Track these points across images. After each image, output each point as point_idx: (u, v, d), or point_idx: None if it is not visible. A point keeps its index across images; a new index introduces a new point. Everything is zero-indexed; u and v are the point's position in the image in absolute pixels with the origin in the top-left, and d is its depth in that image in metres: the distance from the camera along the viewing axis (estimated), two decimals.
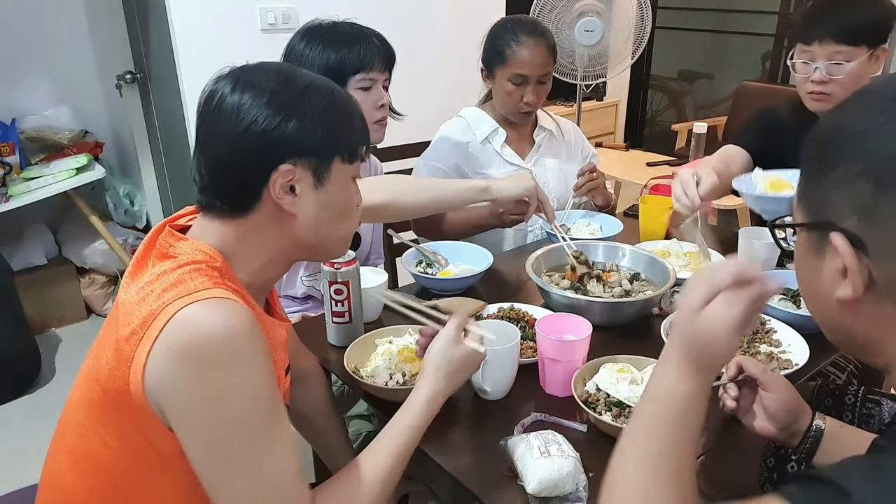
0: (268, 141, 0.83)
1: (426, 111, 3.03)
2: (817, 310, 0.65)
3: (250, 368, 0.78)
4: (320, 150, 0.86)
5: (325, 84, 0.89)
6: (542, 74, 1.84)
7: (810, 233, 0.61)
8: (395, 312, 1.16)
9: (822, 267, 0.59)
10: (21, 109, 3.00)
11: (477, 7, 3.24)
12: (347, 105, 0.91)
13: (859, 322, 0.59)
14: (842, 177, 0.56)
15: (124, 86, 3.10)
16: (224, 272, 0.84)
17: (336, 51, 1.47)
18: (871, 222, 0.54)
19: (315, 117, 0.85)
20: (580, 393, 1.08)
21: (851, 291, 0.56)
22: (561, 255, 1.58)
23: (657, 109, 5.29)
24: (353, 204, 0.95)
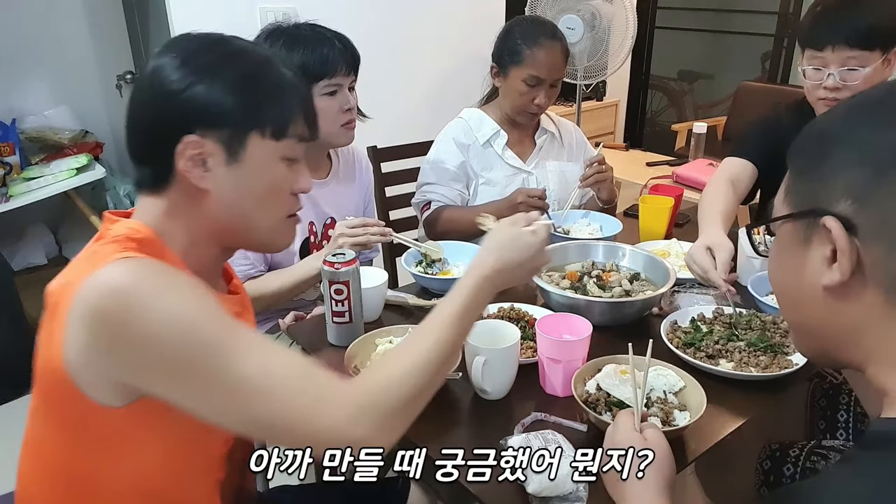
0: (173, 106, 0.78)
1: (424, 111, 3.04)
2: (795, 305, 0.67)
3: (174, 293, 0.72)
4: (231, 120, 0.79)
5: (260, 55, 0.83)
6: (557, 77, 1.84)
7: (797, 224, 0.63)
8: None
9: (807, 257, 0.62)
10: (21, 109, 3.00)
11: (476, 7, 3.24)
12: (279, 77, 0.83)
13: (840, 312, 0.61)
14: (837, 165, 0.59)
15: (124, 85, 3.11)
16: (146, 243, 0.79)
17: (299, 55, 1.46)
18: (865, 206, 0.57)
19: (230, 84, 0.79)
20: (580, 393, 1.08)
21: (839, 275, 0.58)
22: (561, 255, 1.58)
23: (657, 109, 5.29)
24: (281, 187, 0.87)
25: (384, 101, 2.73)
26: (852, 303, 0.59)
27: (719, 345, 1.24)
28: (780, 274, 0.68)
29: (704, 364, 1.19)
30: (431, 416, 1.09)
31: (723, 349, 1.23)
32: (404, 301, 1.45)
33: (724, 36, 5.19)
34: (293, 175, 0.88)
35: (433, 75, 3.12)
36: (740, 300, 1.38)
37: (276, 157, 0.84)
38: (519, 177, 1.98)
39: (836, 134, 0.60)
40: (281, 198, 0.88)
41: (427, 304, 1.43)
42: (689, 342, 1.26)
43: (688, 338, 1.27)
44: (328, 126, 1.51)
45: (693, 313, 1.34)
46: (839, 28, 1.45)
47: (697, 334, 1.27)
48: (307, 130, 0.87)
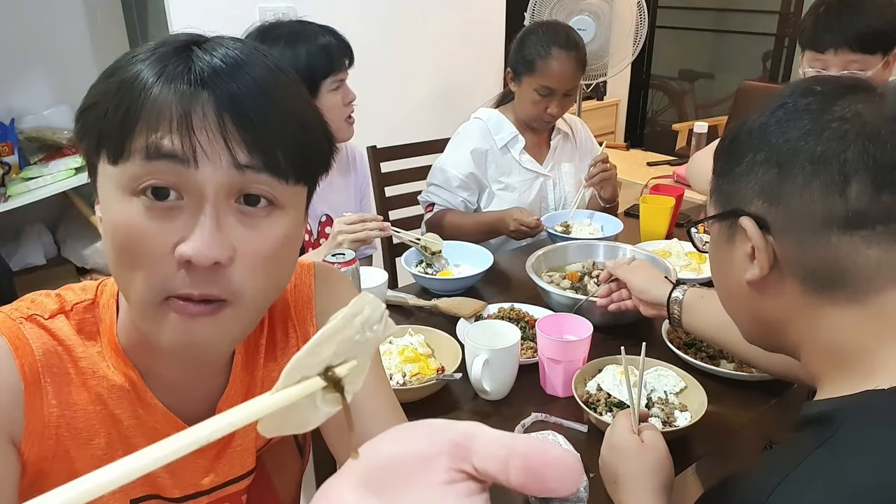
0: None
1: (425, 111, 3.04)
2: (730, 299, 0.72)
3: None
4: (88, 139, 0.58)
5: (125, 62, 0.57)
6: (569, 88, 1.82)
7: (722, 223, 0.68)
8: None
9: (733, 254, 0.66)
10: (20, 109, 2.99)
11: (477, 7, 3.23)
12: (129, 73, 0.55)
13: (767, 304, 0.66)
14: (748, 167, 0.64)
15: None
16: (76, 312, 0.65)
17: (305, 51, 1.44)
18: (774, 204, 0.62)
19: (93, 94, 0.58)
20: (581, 393, 1.08)
21: (759, 271, 0.63)
22: (562, 255, 1.58)
23: (658, 109, 5.28)
24: (135, 240, 0.54)
25: (384, 101, 2.73)
26: (775, 295, 0.64)
27: None
28: (715, 270, 0.73)
29: (705, 365, 1.18)
30: (431, 417, 1.09)
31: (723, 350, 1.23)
32: (404, 301, 1.45)
33: (724, 35, 5.18)
34: (157, 224, 0.54)
35: (433, 75, 3.11)
36: None
37: (119, 187, 0.54)
38: (537, 181, 1.96)
39: (746, 136, 0.65)
40: (143, 250, 0.54)
41: (427, 305, 1.42)
42: (690, 343, 1.25)
43: (688, 338, 1.26)
44: (335, 122, 1.51)
45: None
46: (842, 31, 1.44)
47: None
48: (172, 142, 0.52)
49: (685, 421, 1.03)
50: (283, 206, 0.58)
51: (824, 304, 0.61)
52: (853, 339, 0.60)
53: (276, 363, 0.75)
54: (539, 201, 1.97)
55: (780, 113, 0.63)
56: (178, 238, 0.53)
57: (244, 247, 0.55)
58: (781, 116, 0.62)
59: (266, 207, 0.57)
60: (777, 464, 0.58)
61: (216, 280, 0.54)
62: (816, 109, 0.61)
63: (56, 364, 0.62)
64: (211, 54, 0.55)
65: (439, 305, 1.40)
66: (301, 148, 0.58)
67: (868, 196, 0.58)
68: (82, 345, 0.64)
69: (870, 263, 0.58)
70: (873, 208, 0.58)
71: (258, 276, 0.57)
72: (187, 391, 0.69)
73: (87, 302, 0.66)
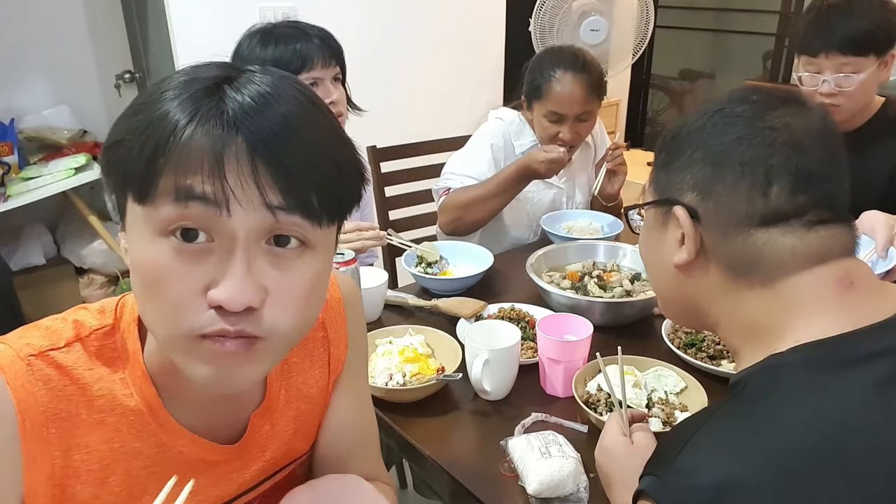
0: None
1: (425, 111, 3.03)
2: (658, 278, 0.79)
3: None
4: (115, 180, 0.56)
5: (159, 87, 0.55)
6: (581, 112, 1.74)
7: (657, 210, 0.75)
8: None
9: (664, 238, 0.73)
10: (19, 109, 2.99)
11: (477, 7, 3.23)
12: (159, 110, 0.53)
13: (691, 285, 0.73)
14: (685, 163, 0.71)
15: (123, 85, 3.10)
16: (95, 339, 0.64)
17: (274, 50, 1.44)
18: (705, 198, 0.69)
19: (118, 131, 0.56)
20: (581, 393, 1.08)
21: (686, 255, 0.70)
22: (562, 255, 1.57)
23: (658, 109, 5.28)
24: (164, 282, 0.54)
25: (383, 101, 2.72)
26: (699, 278, 0.72)
27: (720, 345, 1.23)
28: (646, 250, 0.80)
29: (706, 364, 1.18)
30: (432, 417, 1.09)
31: (724, 349, 1.22)
32: (404, 301, 1.44)
33: (725, 35, 5.17)
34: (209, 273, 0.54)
35: (433, 75, 3.11)
36: None
37: (149, 227, 0.54)
38: (549, 192, 1.94)
39: (686, 136, 0.72)
40: (173, 291, 0.54)
41: (427, 304, 1.42)
42: (691, 343, 1.25)
43: (689, 338, 1.26)
44: None
45: None
46: (832, 35, 1.45)
47: (698, 335, 1.27)
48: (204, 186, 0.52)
49: None
50: (315, 246, 0.58)
51: (741, 287, 0.69)
52: (764, 316, 0.68)
53: (311, 366, 0.79)
54: (551, 212, 1.94)
55: (718, 118, 0.70)
56: (208, 280, 0.53)
57: (276, 288, 0.55)
58: (718, 121, 0.70)
59: (297, 248, 0.57)
60: (692, 424, 0.66)
61: (249, 319, 0.55)
62: (750, 117, 0.68)
63: (66, 409, 0.61)
64: (242, 93, 0.54)
65: (439, 305, 1.40)
66: (334, 189, 0.57)
67: (786, 197, 0.66)
68: (101, 376, 0.63)
69: (784, 250, 0.66)
70: (789, 207, 0.66)
71: (290, 315, 0.57)
72: (218, 411, 0.70)
73: (108, 327, 0.65)
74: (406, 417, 1.09)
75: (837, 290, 0.66)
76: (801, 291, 0.66)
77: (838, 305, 0.65)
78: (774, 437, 0.58)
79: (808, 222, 0.66)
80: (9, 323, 2.56)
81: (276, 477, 0.79)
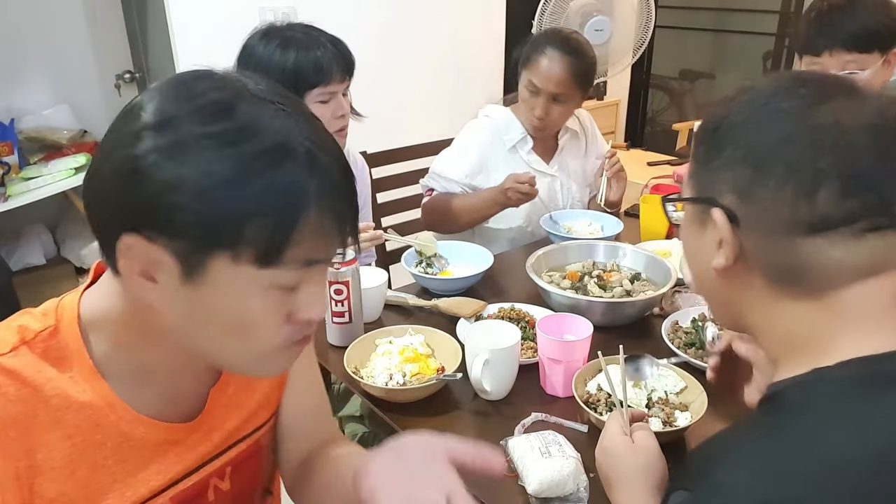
0: (120, 191, 0.56)
1: (420, 115, 3.03)
2: (698, 277, 0.74)
3: None
4: (189, 232, 0.56)
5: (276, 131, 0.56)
6: (555, 92, 1.76)
7: (696, 207, 0.70)
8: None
9: (704, 237, 0.69)
10: (19, 109, 2.99)
11: (476, 8, 3.23)
12: (290, 176, 0.56)
13: (730, 290, 0.69)
14: (725, 161, 0.65)
15: (123, 85, 3.10)
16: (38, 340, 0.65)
17: (293, 58, 1.41)
18: (746, 201, 0.63)
19: (208, 177, 0.54)
20: (581, 393, 1.08)
21: (724, 260, 0.66)
22: (562, 255, 1.57)
23: (658, 109, 5.28)
24: (264, 320, 0.61)
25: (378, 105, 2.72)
26: (737, 283, 0.67)
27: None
28: (686, 247, 0.76)
29: (705, 365, 1.18)
30: (431, 417, 1.09)
31: None
32: (404, 301, 1.45)
33: (725, 35, 5.18)
34: (294, 300, 0.62)
35: (430, 78, 3.11)
36: None
37: (260, 286, 0.59)
38: (543, 180, 1.93)
39: (728, 129, 0.66)
40: (266, 329, 0.62)
41: (427, 304, 1.42)
42: (691, 342, 1.25)
43: (689, 338, 1.26)
44: None
45: (694, 313, 1.34)
46: (835, 32, 1.44)
47: (699, 334, 1.27)
48: (326, 251, 0.61)
49: (685, 421, 1.03)
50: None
51: (784, 296, 0.64)
52: (809, 328, 0.63)
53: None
54: (548, 201, 1.95)
55: (762, 113, 0.64)
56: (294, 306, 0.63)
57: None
58: (763, 117, 0.64)
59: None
60: (727, 440, 0.64)
61: None
62: (797, 114, 0.62)
63: (22, 412, 0.63)
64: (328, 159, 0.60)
65: (439, 305, 1.40)
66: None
67: (834, 202, 0.60)
68: (51, 376, 0.64)
69: (831, 262, 0.61)
70: (838, 213, 0.60)
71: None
72: (174, 394, 0.73)
73: (50, 329, 0.66)
74: (406, 417, 1.09)
75: (894, 306, 0.61)
76: (852, 306, 0.61)
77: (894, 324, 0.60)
78: (817, 459, 0.55)
79: (860, 230, 0.60)
80: None
81: (240, 446, 0.82)
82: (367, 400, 1.17)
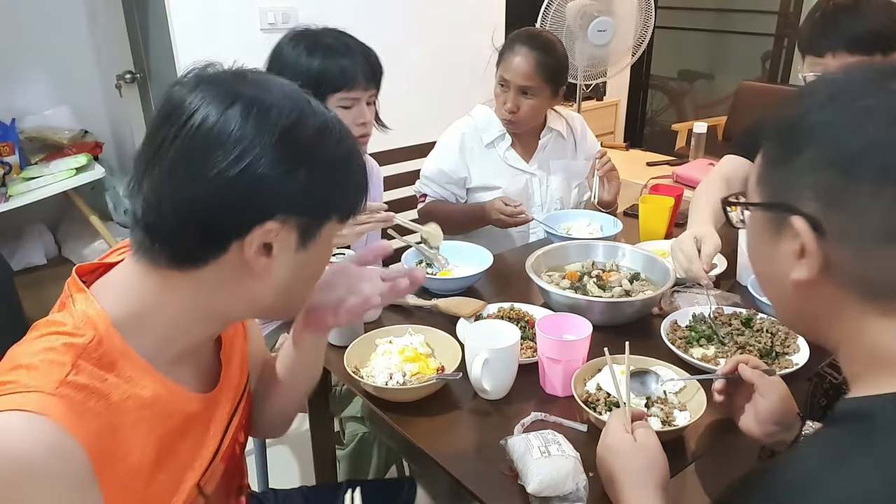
0: (261, 191, 0.67)
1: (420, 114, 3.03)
2: (770, 287, 0.69)
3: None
4: (318, 208, 0.72)
5: (337, 125, 0.74)
6: (523, 85, 1.85)
7: (767, 214, 0.64)
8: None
9: (777, 248, 0.63)
10: (20, 109, 2.99)
11: (476, 9, 3.23)
12: (353, 151, 0.76)
13: (810, 302, 0.63)
14: (807, 164, 0.59)
15: (124, 85, 3.10)
16: (91, 351, 0.68)
17: (318, 62, 1.42)
18: (834, 210, 0.57)
19: (323, 169, 0.70)
20: (580, 393, 1.08)
21: (807, 273, 0.60)
22: (561, 255, 1.58)
23: (657, 109, 5.29)
24: (325, 267, 0.83)
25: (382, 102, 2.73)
26: (821, 296, 0.61)
27: (719, 345, 1.24)
28: (755, 255, 0.70)
29: (705, 364, 1.18)
30: (431, 416, 1.10)
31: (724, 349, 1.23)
32: (404, 301, 1.45)
33: (724, 35, 5.18)
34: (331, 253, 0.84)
35: (430, 77, 3.11)
36: (740, 300, 1.38)
37: (333, 235, 0.78)
38: (521, 177, 1.99)
39: (809, 129, 0.59)
40: (319, 277, 0.83)
41: (427, 304, 1.43)
42: (690, 342, 1.26)
43: (689, 338, 1.27)
44: None
45: (693, 313, 1.34)
46: (839, 34, 1.43)
47: (697, 334, 1.27)
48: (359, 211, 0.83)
49: (684, 420, 1.03)
50: None
51: (873, 312, 0.59)
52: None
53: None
54: (525, 199, 1.98)
55: (848, 113, 0.58)
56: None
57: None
58: (849, 117, 0.57)
59: None
60: (813, 457, 0.58)
61: None
62: (891, 110, 0.56)
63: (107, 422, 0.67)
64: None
65: (439, 305, 1.41)
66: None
67: None
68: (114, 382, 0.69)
69: None
70: None
71: None
72: (203, 367, 0.85)
73: (95, 339, 0.69)
74: (406, 417, 1.10)
75: None
76: None
77: None
78: None
79: None
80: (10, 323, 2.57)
81: (244, 397, 0.93)
82: (367, 399, 1.17)
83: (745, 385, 1.01)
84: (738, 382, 1.02)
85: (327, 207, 0.73)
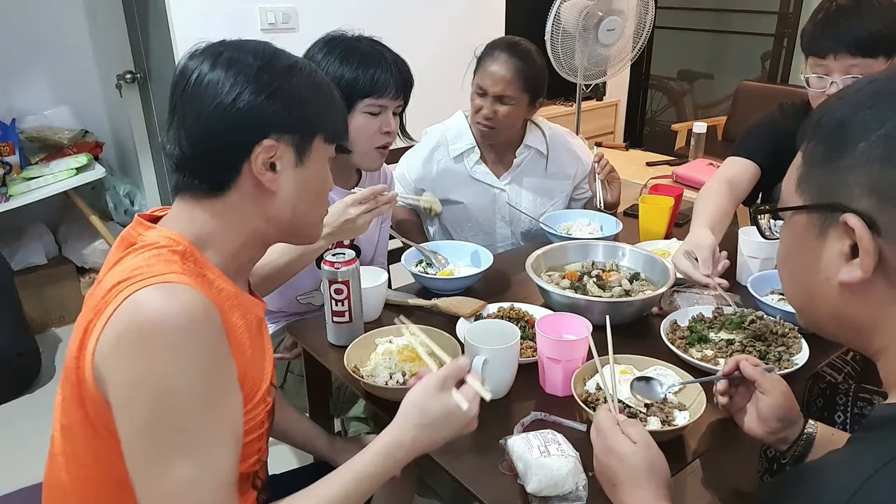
0: (253, 115, 0.83)
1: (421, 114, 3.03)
2: (809, 296, 0.66)
3: (190, 361, 0.75)
4: (303, 127, 0.88)
5: (307, 64, 0.91)
6: (499, 93, 1.80)
7: (812, 216, 0.61)
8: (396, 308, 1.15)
9: (822, 250, 0.61)
10: (21, 109, 3.00)
11: (475, 9, 3.24)
12: (329, 86, 0.93)
13: (855, 306, 0.60)
14: (857, 161, 0.57)
15: (124, 85, 3.10)
16: (188, 255, 0.83)
17: (352, 70, 1.42)
18: (890, 205, 0.55)
19: (300, 95, 0.87)
20: (580, 392, 1.08)
21: (861, 273, 0.57)
22: (561, 255, 1.58)
23: (657, 109, 5.29)
24: (327, 186, 0.97)
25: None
26: (868, 299, 0.59)
27: (719, 345, 1.24)
28: (791, 263, 0.67)
29: (705, 364, 1.18)
30: None
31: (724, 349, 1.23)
32: (404, 301, 1.45)
33: (723, 36, 5.19)
34: (330, 175, 0.97)
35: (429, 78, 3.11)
36: (740, 300, 1.38)
37: (327, 158, 0.94)
38: (490, 192, 1.95)
39: (858, 125, 0.57)
40: (326, 195, 0.97)
41: (427, 304, 1.43)
42: (690, 342, 1.26)
43: (689, 338, 1.27)
44: (363, 145, 1.47)
45: (693, 313, 1.34)
46: (841, 36, 1.43)
47: (697, 334, 1.27)
48: (345, 137, 0.98)
49: (684, 420, 1.04)
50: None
51: None
52: None
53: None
54: (493, 213, 1.97)
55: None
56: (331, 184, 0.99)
57: None
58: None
59: None
60: (858, 463, 0.56)
61: None
62: None
63: (217, 302, 0.81)
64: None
65: (439, 305, 1.41)
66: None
67: None
68: (210, 277, 0.85)
69: None
70: None
71: None
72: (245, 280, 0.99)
73: (185, 248, 0.84)
74: None
75: None
76: None
77: None
78: None
79: None
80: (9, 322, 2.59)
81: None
82: (367, 399, 1.17)
83: (746, 385, 1.01)
84: (739, 382, 1.02)
85: (309, 125, 0.88)
